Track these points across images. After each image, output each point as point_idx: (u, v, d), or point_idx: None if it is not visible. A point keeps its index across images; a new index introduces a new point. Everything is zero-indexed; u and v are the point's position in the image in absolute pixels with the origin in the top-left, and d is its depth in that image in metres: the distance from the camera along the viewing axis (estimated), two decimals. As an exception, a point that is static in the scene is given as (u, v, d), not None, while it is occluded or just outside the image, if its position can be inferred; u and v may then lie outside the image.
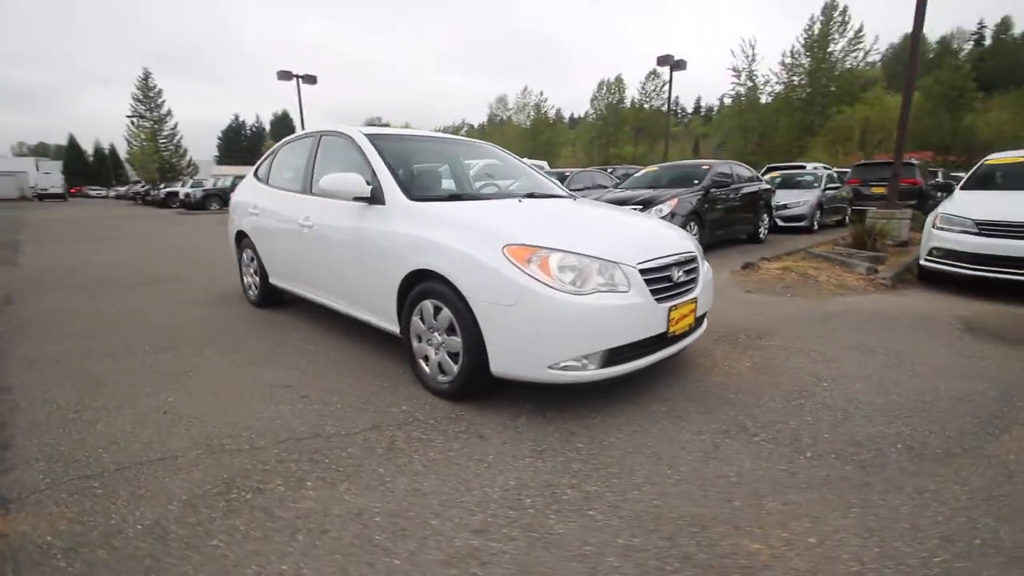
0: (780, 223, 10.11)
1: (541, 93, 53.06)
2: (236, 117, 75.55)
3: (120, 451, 2.10)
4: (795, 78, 39.06)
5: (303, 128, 23.00)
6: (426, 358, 2.67)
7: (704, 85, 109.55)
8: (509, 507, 1.74)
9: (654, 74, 51.71)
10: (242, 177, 19.16)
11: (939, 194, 14.42)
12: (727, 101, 46.73)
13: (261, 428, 2.30)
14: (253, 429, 2.29)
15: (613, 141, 50.43)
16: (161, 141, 46.04)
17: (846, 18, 37.20)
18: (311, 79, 21.57)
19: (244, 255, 4.51)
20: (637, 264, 2.36)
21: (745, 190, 8.31)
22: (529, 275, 2.18)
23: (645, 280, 2.35)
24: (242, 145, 71.64)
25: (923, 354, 3.23)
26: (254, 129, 75.47)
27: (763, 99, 41.51)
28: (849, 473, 1.94)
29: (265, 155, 4.48)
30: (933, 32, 67.61)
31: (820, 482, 1.89)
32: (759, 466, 1.99)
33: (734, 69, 43.02)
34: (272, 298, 4.36)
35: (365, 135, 3.27)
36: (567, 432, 2.25)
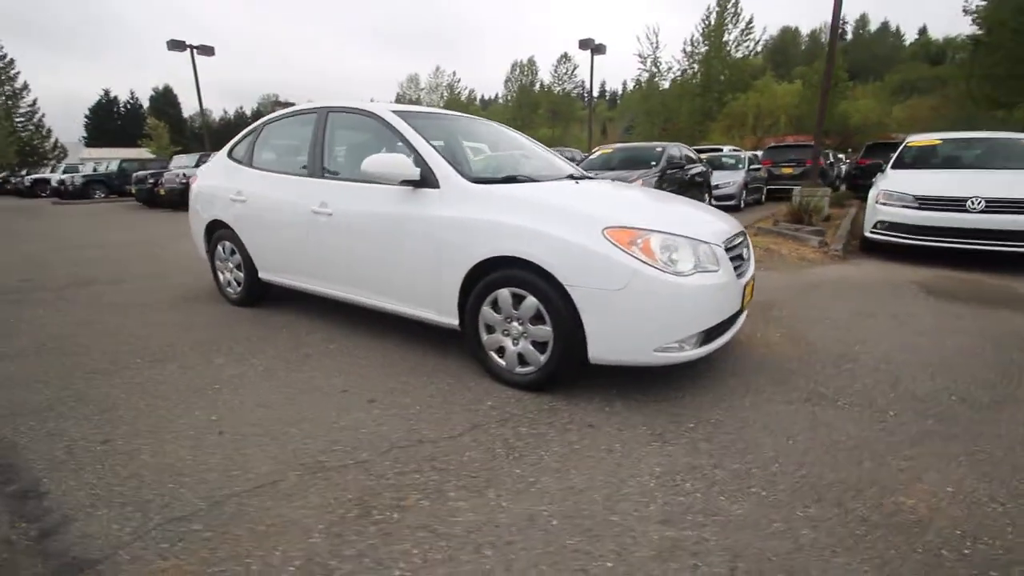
0: (713, 203, 10.84)
1: (454, 74, 52.20)
2: (106, 93, 65.42)
3: (197, 483, 1.79)
4: (695, 65, 41.69)
5: (200, 105, 20.73)
6: (500, 350, 2.54)
7: (607, 70, 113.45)
8: (675, 493, 1.72)
9: (565, 57, 52.69)
10: (134, 161, 17.30)
11: (835, 172, 16.24)
12: (631, 86, 48.85)
13: (350, 439, 2.07)
14: (342, 441, 2.05)
15: (528, 123, 50.87)
16: (18, 120, 39.22)
17: (738, 10, 40.12)
18: (208, 50, 19.36)
19: (220, 248, 3.98)
20: (722, 242, 2.41)
21: (693, 171, 8.78)
22: (636, 258, 2.14)
23: (729, 258, 2.41)
24: (115, 124, 62.64)
25: (912, 316, 3.64)
26: (129, 106, 66.16)
27: (664, 85, 43.94)
28: (934, 427, 2.15)
29: (242, 135, 3.95)
30: (805, 27, 75.20)
31: (918, 437, 2.07)
32: (861, 429, 2.13)
33: (639, 55, 44.91)
34: (257, 296, 3.92)
35: (394, 112, 3.00)
36: (670, 413, 2.27)
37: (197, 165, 14.32)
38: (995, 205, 4.80)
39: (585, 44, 21.39)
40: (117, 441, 2.06)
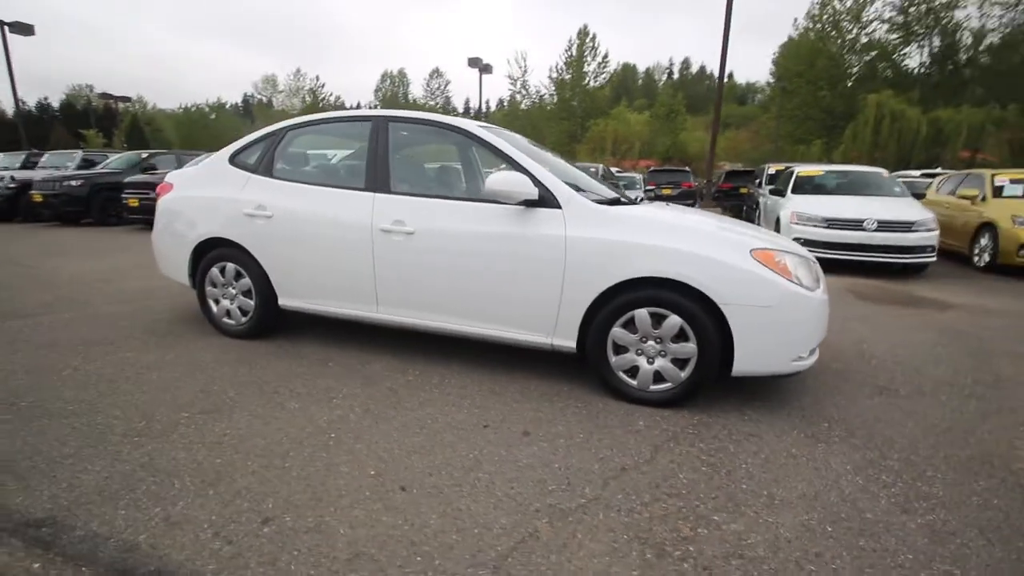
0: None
1: (317, 78, 49.12)
2: None
3: (446, 551, 1.54)
4: (562, 92, 44.93)
5: (15, 94, 16.76)
6: (630, 369, 2.57)
7: (471, 89, 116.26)
8: (881, 485, 1.93)
9: (437, 73, 52.98)
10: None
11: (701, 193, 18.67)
12: (503, 105, 50.87)
13: (553, 477, 1.93)
14: (549, 480, 1.91)
15: (401, 135, 50.01)
16: None
17: (595, 44, 44.22)
18: (26, 29, 15.73)
19: (216, 273, 3.34)
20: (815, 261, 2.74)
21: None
22: (782, 277, 2.35)
23: (819, 275, 2.75)
24: None
25: (870, 317, 4.44)
26: None
27: (525, 106, 46.61)
28: (983, 404, 2.68)
29: (251, 139, 3.36)
30: (641, 64, 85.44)
31: (988, 414, 2.57)
32: (939, 412, 2.58)
33: (510, 76, 47.02)
34: (269, 326, 3.38)
35: (482, 127, 2.86)
36: (798, 418, 2.50)
37: (25, 167, 11.55)
38: (885, 225, 6.07)
39: (473, 63, 21.82)
40: (283, 518, 1.67)
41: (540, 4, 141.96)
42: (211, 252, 3.34)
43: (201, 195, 3.36)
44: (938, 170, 15.64)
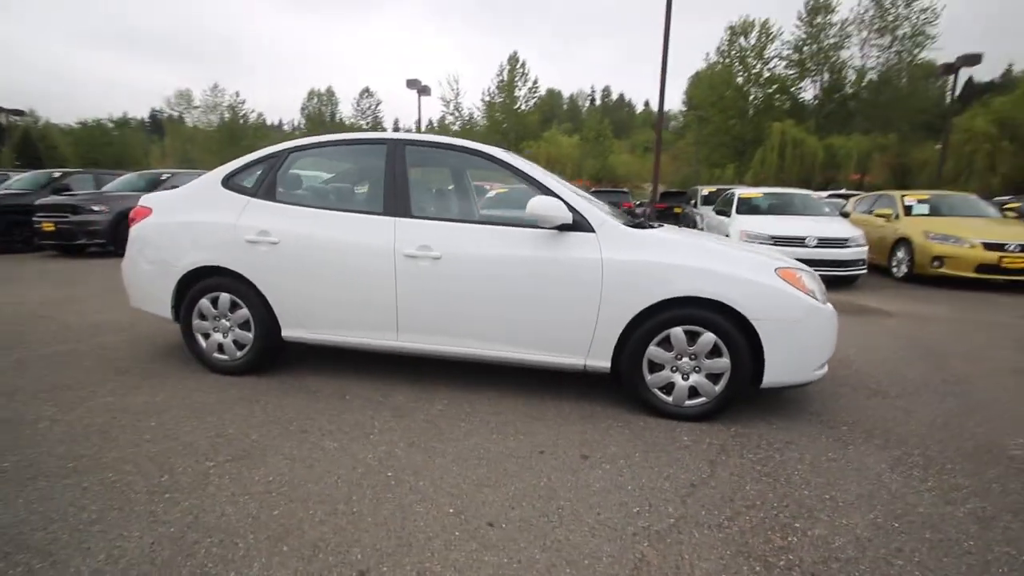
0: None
1: (237, 94, 46.65)
2: None
3: (564, 585, 1.50)
4: (492, 114, 45.83)
5: None
6: (665, 386, 2.64)
7: (400, 110, 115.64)
8: (913, 480, 2.12)
9: (367, 92, 52.19)
10: None
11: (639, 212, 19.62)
12: (433, 126, 51.04)
13: (632, 500, 1.94)
14: (628, 504, 1.92)
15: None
16: None
17: (526, 70, 45.61)
18: None
19: (207, 305, 3.07)
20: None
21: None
22: (805, 293, 2.54)
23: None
24: None
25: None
26: None
27: (457, 127, 47.12)
28: (963, 400, 3.02)
29: (248, 161, 3.13)
30: (565, 91, 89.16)
31: (968, 410, 2.89)
32: (934, 408, 2.87)
33: (443, 98, 47.37)
34: (268, 360, 3.15)
35: (505, 151, 2.88)
36: (817, 424, 2.69)
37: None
38: (824, 241, 6.71)
39: (412, 84, 21.77)
40: (380, 569, 1.55)
41: (468, 30, 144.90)
42: (200, 282, 3.07)
43: (190, 220, 3.08)
44: (842, 191, 17.54)
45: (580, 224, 2.65)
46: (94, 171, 10.81)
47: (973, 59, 16.90)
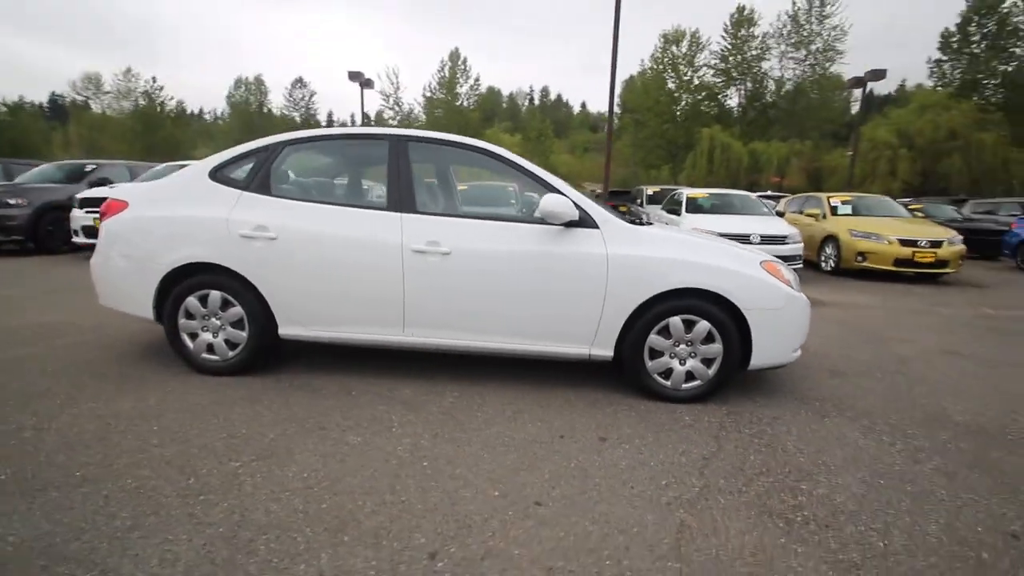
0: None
1: (153, 80, 43.08)
2: None
3: (627, 551, 1.63)
4: (431, 109, 45.37)
5: None
6: (664, 371, 2.84)
7: (335, 100, 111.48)
8: (916, 450, 2.44)
9: (300, 83, 49.92)
10: None
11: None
12: (369, 120, 49.74)
13: (665, 476, 2.11)
14: (656, 477, 2.08)
15: (261, 148, 46.05)
16: None
17: (467, 67, 45.46)
18: None
19: (191, 303, 2.93)
20: (788, 269, 3.31)
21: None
22: (784, 284, 2.82)
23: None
24: None
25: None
26: None
27: (396, 122, 46.20)
28: (906, 380, 3.45)
29: (238, 153, 3.00)
30: (504, 89, 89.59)
31: (912, 385, 3.31)
32: (888, 386, 3.27)
33: (382, 92, 46.24)
34: (262, 359, 3.06)
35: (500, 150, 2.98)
36: (802, 401, 2.99)
37: None
38: (767, 239, 7.28)
39: (354, 76, 21.15)
40: (448, 550, 1.61)
41: (402, 25, 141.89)
42: (187, 279, 2.93)
43: (174, 214, 2.93)
44: (769, 193, 18.92)
45: (585, 220, 2.79)
46: (3, 160, 9.70)
47: (879, 74, 18.79)
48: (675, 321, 2.77)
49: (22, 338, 3.61)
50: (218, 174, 3.00)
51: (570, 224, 2.77)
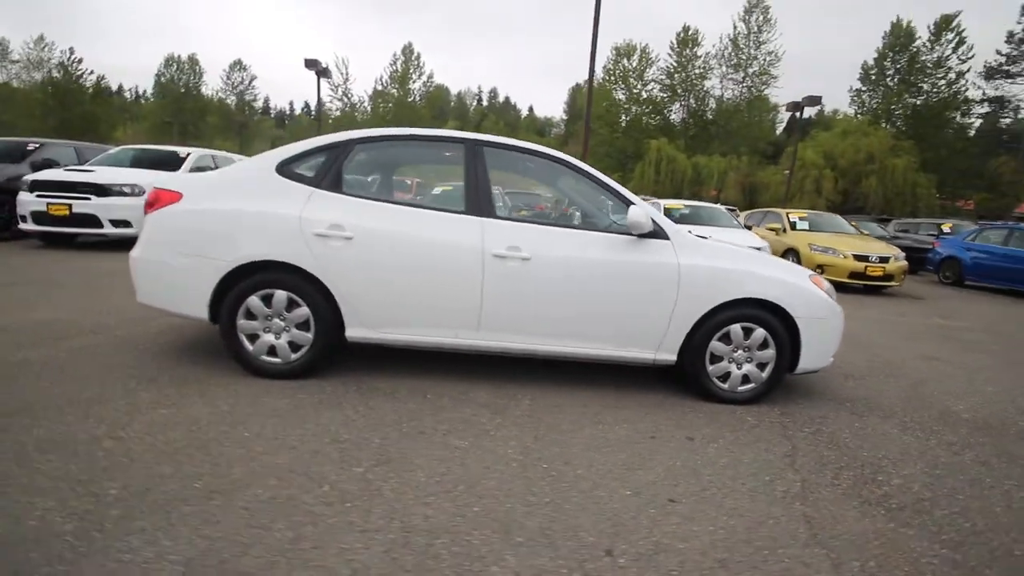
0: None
1: (71, 51, 39.14)
2: None
3: (775, 540, 1.79)
4: (378, 104, 44.40)
5: None
6: (723, 376, 3.05)
7: (277, 85, 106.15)
8: (947, 444, 2.78)
9: (240, 66, 47.14)
10: None
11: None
12: (309, 111, 47.99)
13: (755, 470, 2.29)
14: (759, 474, 2.26)
15: (194, 133, 43.12)
16: None
17: (420, 63, 44.84)
18: None
19: (253, 302, 2.80)
20: (815, 282, 3.63)
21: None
22: (827, 295, 3.12)
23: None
24: None
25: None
26: None
27: (341, 114, 44.92)
28: (908, 381, 3.88)
29: (306, 148, 2.89)
30: (452, 87, 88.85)
31: (917, 385, 3.73)
32: (898, 386, 3.67)
33: (330, 83, 44.67)
34: (324, 361, 2.98)
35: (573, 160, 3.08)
36: (836, 402, 3.30)
37: None
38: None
39: (311, 64, 20.34)
40: (620, 547, 1.69)
41: (356, 16, 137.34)
42: (250, 278, 2.80)
43: (241, 209, 2.78)
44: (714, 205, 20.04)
45: (657, 232, 2.95)
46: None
47: (815, 100, 20.53)
48: (735, 328, 2.98)
49: (24, 339, 3.26)
50: (285, 169, 2.88)
51: (645, 235, 2.92)
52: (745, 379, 3.06)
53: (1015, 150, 32.71)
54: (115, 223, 6.86)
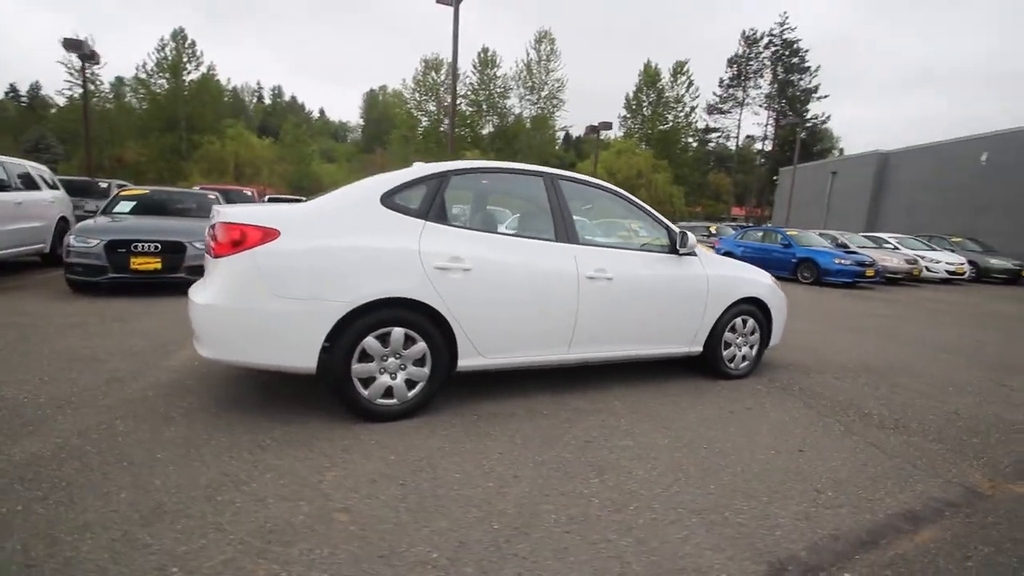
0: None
1: None
2: None
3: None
4: (153, 97, 37.42)
5: None
6: (731, 359, 3.94)
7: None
8: (909, 432, 4.09)
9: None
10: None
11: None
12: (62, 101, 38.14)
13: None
14: (835, 457, 3.13)
15: None
16: None
17: (196, 51, 38.86)
18: None
19: (370, 343, 2.62)
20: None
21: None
22: (779, 288, 4.27)
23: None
24: None
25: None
26: None
27: (98, 106, 36.92)
28: (871, 379, 5.37)
29: (409, 180, 2.75)
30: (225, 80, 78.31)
31: (877, 384, 5.22)
32: (862, 383, 5.09)
33: (66, 64, 35.91)
34: (433, 397, 2.94)
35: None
36: (815, 395, 4.49)
37: None
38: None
39: (72, 45, 16.20)
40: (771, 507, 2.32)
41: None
42: (364, 317, 2.62)
43: (355, 245, 2.58)
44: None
45: (691, 251, 3.68)
46: None
47: (607, 125, 24.43)
48: (738, 320, 3.90)
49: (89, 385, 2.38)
50: (388, 200, 2.76)
51: (687, 254, 3.62)
52: (744, 359, 4.01)
53: (727, 168, 43.90)
54: None
